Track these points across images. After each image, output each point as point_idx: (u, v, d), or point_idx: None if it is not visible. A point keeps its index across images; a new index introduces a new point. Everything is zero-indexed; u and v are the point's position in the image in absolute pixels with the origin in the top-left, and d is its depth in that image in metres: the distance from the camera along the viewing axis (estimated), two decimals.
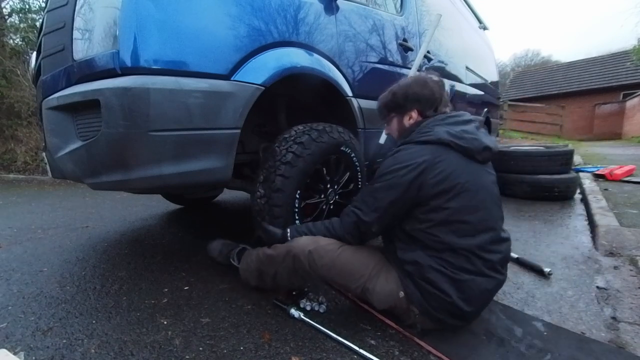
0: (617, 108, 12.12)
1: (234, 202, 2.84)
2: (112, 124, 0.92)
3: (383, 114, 1.16)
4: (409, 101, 1.05)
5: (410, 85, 1.06)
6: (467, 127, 0.95)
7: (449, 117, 0.98)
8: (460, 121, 0.98)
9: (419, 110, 1.04)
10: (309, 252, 0.97)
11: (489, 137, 0.97)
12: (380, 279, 0.95)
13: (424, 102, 1.03)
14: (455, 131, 0.92)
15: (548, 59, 27.46)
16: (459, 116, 1.00)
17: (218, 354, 0.88)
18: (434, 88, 1.04)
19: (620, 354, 0.86)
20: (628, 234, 1.62)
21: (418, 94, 1.03)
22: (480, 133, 0.96)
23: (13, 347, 0.91)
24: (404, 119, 1.08)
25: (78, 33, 1.04)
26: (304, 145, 1.21)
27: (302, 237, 1.04)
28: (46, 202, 3.13)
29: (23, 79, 5.25)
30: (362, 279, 0.95)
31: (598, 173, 3.29)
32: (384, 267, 0.97)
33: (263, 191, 1.21)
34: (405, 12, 2.12)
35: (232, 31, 1.11)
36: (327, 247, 0.98)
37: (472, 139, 0.92)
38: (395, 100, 1.08)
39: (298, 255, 0.99)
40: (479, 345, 0.89)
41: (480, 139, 0.93)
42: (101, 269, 1.44)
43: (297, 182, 1.20)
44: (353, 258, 0.98)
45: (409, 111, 1.06)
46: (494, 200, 0.94)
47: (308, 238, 1.02)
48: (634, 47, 11.20)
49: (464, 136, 0.91)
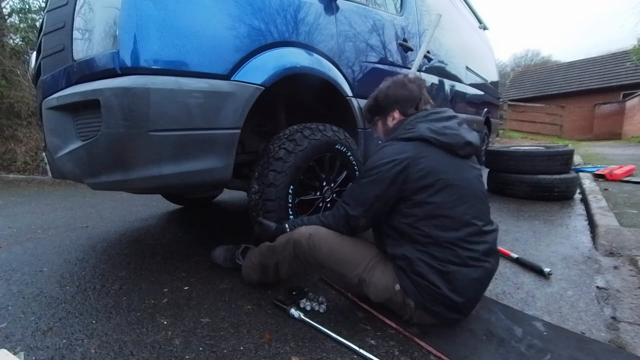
0: (617, 108, 12.11)
1: (234, 202, 2.84)
2: (112, 124, 0.92)
3: (368, 119, 1.20)
4: (389, 103, 1.08)
5: (389, 87, 1.09)
6: (448, 123, 0.97)
7: (431, 114, 1.01)
8: (442, 117, 1.00)
9: (400, 110, 1.07)
10: (310, 235, 1.02)
11: (471, 133, 0.99)
12: (377, 271, 0.96)
13: (403, 102, 1.06)
14: (436, 127, 0.94)
15: (548, 59, 27.47)
16: (441, 112, 1.02)
17: (218, 354, 0.88)
18: (412, 88, 1.06)
19: (620, 354, 0.86)
20: (628, 234, 1.62)
21: (397, 95, 1.07)
22: (462, 129, 0.98)
23: (13, 347, 0.91)
24: (387, 120, 1.11)
25: (78, 33, 1.04)
26: (296, 142, 1.24)
27: (302, 227, 1.07)
28: (46, 202, 3.13)
29: (23, 79, 5.25)
30: (358, 269, 0.97)
31: (598, 173, 3.29)
32: (381, 260, 0.99)
33: (257, 186, 1.25)
34: (405, 12, 2.12)
35: (232, 31, 1.11)
36: (327, 233, 1.02)
37: (454, 135, 0.94)
38: (377, 104, 1.12)
39: (299, 240, 1.03)
40: (479, 345, 0.89)
41: (462, 134, 0.95)
42: (101, 269, 1.44)
43: (289, 176, 1.23)
44: (351, 248, 1.01)
45: (390, 112, 1.09)
46: (477, 194, 0.95)
47: (308, 227, 1.06)
48: (633, 47, 11.20)
49: (445, 132, 0.93)
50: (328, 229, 1.04)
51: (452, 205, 0.89)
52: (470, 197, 0.92)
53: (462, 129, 0.98)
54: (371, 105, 1.15)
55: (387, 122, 1.11)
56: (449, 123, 0.97)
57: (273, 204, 1.21)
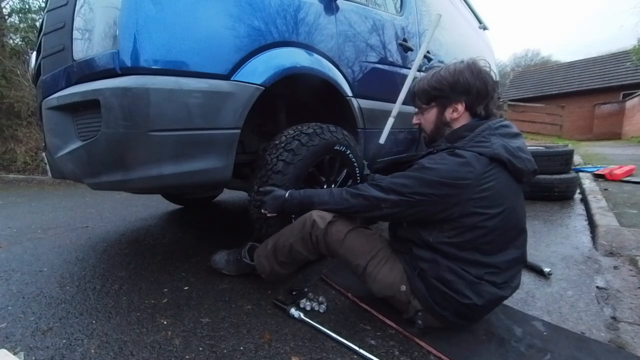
0: (617, 108, 12.12)
1: (234, 202, 2.84)
2: (111, 124, 0.92)
3: (422, 101, 0.99)
4: (457, 91, 0.90)
5: (462, 72, 0.90)
6: (520, 144, 0.85)
7: (502, 127, 0.86)
8: (512, 134, 0.86)
9: (467, 103, 0.90)
10: (329, 222, 0.97)
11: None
12: (385, 267, 0.93)
13: (475, 95, 0.89)
14: (512, 148, 0.82)
15: (548, 59, 27.51)
16: (509, 127, 0.88)
17: (218, 354, 0.88)
18: (488, 80, 0.89)
19: (620, 354, 0.86)
20: (628, 234, 1.62)
21: (470, 84, 0.88)
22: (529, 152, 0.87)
23: (13, 347, 0.91)
24: (446, 110, 0.93)
25: (78, 33, 1.04)
26: (294, 152, 1.21)
27: (317, 211, 1.02)
28: (46, 202, 3.13)
29: (23, 79, 5.25)
30: (366, 257, 0.94)
31: (598, 173, 3.29)
32: (390, 257, 0.95)
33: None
34: (405, 12, 2.12)
35: (232, 31, 1.11)
36: (345, 221, 0.98)
37: (527, 160, 0.83)
38: (441, 87, 0.92)
39: (317, 222, 0.98)
40: (479, 345, 0.89)
41: (532, 161, 0.85)
42: (101, 269, 1.44)
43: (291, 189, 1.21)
44: (364, 236, 0.98)
45: (455, 102, 0.91)
46: (523, 221, 0.89)
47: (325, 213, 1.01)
48: (633, 47, 11.21)
49: (520, 155, 0.82)
50: (344, 216, 0.98)
51: (503, 232, 0.83)
52: (518, 224, 0.86)
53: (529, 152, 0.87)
54: (432, 87, 0.94)
55: (445, 112, 0.93)
56: (519, 143, 0.85)
57: (275, 218, 1.20)
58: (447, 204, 0.81)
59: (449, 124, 0.94)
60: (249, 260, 1.21)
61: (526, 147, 0.86)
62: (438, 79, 0.92)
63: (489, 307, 0.88)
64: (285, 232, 1.09)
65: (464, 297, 0.83)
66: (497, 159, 0.80)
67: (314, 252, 1.04)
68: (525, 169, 0.83)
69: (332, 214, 1.00)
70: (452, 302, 0.85)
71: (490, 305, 0.87)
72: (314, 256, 1.07)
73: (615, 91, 12.88)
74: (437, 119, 0.95)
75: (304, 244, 1.03)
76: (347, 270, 1.04)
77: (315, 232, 0.99)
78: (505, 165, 0.81)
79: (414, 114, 1.06)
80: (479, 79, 0.89)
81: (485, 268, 0.83)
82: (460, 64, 0.92)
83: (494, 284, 0.84)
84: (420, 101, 0.99)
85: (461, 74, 0.89)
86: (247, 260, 1.22)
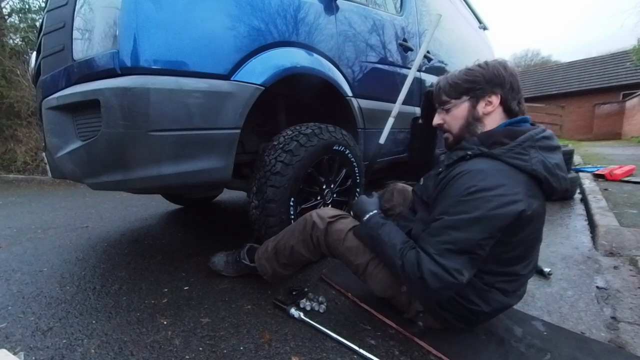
0: (617, 108, 12.12)
1: (234, 202, 2.84)
2: (111, 124, 0.92)
3: (452, 96, 0.89)
4: (492, 83, 0.84)
5: (495, 66, 0.85)
6: (558, 160, 0.78)
7: (543, 138, 0.78)
8: (552, 147, 0.79)
9: (502, 96, 0.84)
10: (329, 222, 0.98)
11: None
12: (386, 267, 0.92)
13: (509, 88, 0.83)
14: (550, 164, 0.76)
15: (548, 59, 27.51)
16: (550, 138, 0.80)
17: (218, 354, 0.88)
18: (518, 78, 0.85)
19: (620, 354, 0.86)
20: (628, 234, 1.62)
21: (503, 77, 0.83)
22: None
23: (13, 347, 0.91)
24: (479, 104, 0.85)
25: (78, 33, 1.04)
26: (292, 153, 1.21)
27: (319, 212, 1.02)
28: (46, 202, 3.13)
29: (23, 79, 5.25)
30: (367, 256, 0.93)
31: (598, 173, 3.29)
32: None
33: (257, 202, 1.22)
34: (405, 12, 2.12)
35: (231, 31, 1.11)
36: (347, 221, 0.99)
37: (563, 179, 0.78)
38: (475, 79, 0.85)
39: (316, 223, 0.99)
40: (479, 345, 0.89)
41: (567, 179, 0.79)
42: (101, 269, 1.44)
43: (289, 190, 1.22)
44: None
45: (489, 95, 0.84)
46: (541, 231, 0.85)
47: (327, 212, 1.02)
48: (633, 47, 11.21)
49: (557, 173, 0.76)
50: (343, 216, 0.99)
51: (526, 247, 0.80)
52: (538, 236, 0.84)
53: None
54: (464, 80, 0.87)
55: (477, 106, 0.85)
56: (558, 159, 0.79)
57: (275, 219, 1.21)
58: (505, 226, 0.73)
59: (481, 120, 0.86)
60: (248, 261, 1.22)
61: (564, 162, 0.80)
62: (471, 71, 0.87)
63: (494, 314, 0.87)
64: (285, 233, 1.09)
65: (471, 302, 0.82)
66: (535, 176, 0.75)
67: (315, 253, 1.05)
68: (559, 188, 0.77)
69: (332, 214, 1.00)
70: (457, 307, 0.84)
71: (495, 313, 0.87)
72: (315, 257, 1.07)
73: (615, 91, 12.88)
74: (468, 113, 0.87)
75: (305, 246, 1.03)
76: (348, 270, 1.03)
77: (315, 233, 0.99)
78: (540, 182, 0.76)
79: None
80: (512, 74, 0.85)
81: (499, 277, 0.81)
82: (492, 61, 0.87)
83: (504, 291, 0.83)
84: (448, 96, 0.90)
85: (495, 68, 0.85)
86: (246, 261, 1.22)
